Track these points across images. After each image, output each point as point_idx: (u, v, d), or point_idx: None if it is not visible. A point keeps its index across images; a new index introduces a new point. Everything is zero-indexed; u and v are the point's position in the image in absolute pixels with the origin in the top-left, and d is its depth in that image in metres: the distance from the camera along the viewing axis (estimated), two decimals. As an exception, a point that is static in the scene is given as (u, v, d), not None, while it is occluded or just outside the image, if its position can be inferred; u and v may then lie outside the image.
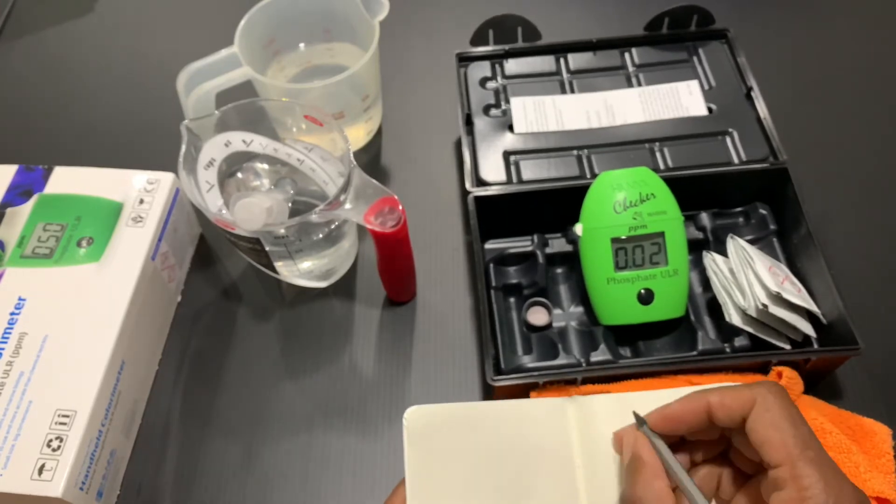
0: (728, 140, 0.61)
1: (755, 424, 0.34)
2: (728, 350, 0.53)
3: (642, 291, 0.53)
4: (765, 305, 0.50)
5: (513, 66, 0.67)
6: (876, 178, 0.65)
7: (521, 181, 0.59)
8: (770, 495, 0.33)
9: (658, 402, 0.38)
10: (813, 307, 0.53)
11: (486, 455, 0.39)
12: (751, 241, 0.58)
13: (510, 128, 0.63)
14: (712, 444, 0.38)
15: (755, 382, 0.36)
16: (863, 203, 0.64)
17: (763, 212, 0.60)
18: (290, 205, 0.53)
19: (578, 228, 0.55)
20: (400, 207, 0.50)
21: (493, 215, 0.58)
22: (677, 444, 0.38)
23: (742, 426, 0.34)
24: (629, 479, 0.36)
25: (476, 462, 0.39)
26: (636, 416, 0.38)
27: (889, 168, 0.66)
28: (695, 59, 0.66)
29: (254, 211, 0.48)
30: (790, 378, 0.49)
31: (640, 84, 0.65)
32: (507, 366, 0.54)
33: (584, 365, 0.53)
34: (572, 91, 0.65)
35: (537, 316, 0.57)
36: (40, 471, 0.45)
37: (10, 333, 0.50)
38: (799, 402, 0.49)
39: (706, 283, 0.57)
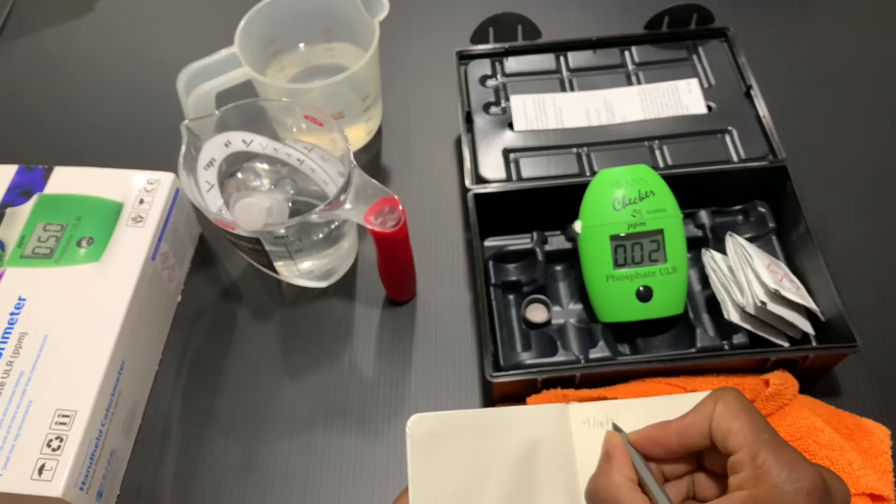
0: (727, 138, 0.61)
1: (718, 422, 0.36)
2: (727, 347, 0.53)
3: (641, 289, 0.53)
4: (763, 303, 0.50)
5: (513, 64, 0.67)
6: (875, 177, 0.65)
7: (520, 179, 0.59)
8: (730, 478, 0.35)
9: (659, 408, 0.39)
10: (811, 305, 0.53)
11: (490, 462, 0.39)
12: (750, 239, 0.57)
13: (510, 125, 0.63)
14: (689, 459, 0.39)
15: (712, 391, 0.38)
16: (862, 201, 0.63)
17: (762, 210, 0.60)
18: (290, 205, 0.54)
19: (578, 226, 0.55)
20: (400, 207, 0.50)
21: (492, 213, 0.58)
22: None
23: (710, 438, 0.36)
24: (595, 471, 0.39)
25: (479, 469, 0.39)
26: (614, 425, 0.40)
27: (888, 166, 0.66)
28: (694, 57, 0.66)
29: (254, 211, 0.48)
30: (779, 383, 0.48)
31: (639, 82, 0.65)
32: (507, 363, 0.54)
33: (582, 362, 0.53)
34: (572, 89, 0.65)
35: (536, 313, 0.57)
36: (40, 471, 0.45)
37: (10, 333, 0.50)
38: (794, 402, 0.49)
39: (705, 281, 0.57)
